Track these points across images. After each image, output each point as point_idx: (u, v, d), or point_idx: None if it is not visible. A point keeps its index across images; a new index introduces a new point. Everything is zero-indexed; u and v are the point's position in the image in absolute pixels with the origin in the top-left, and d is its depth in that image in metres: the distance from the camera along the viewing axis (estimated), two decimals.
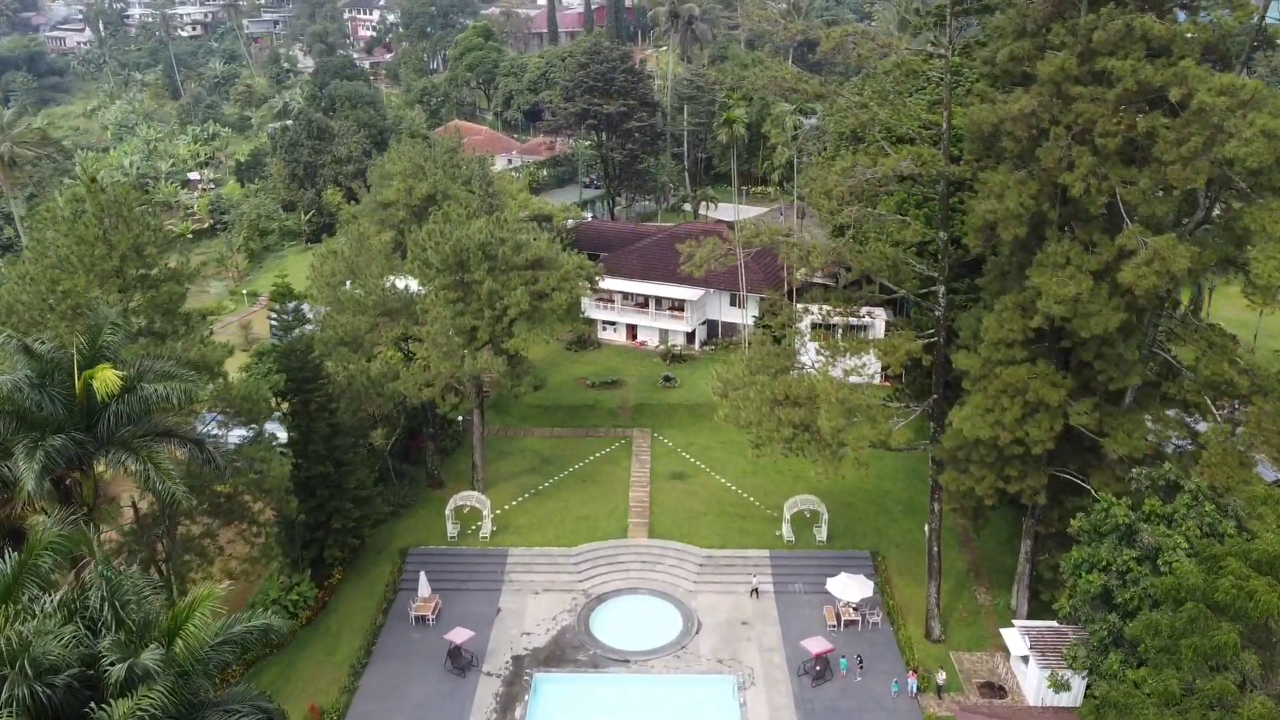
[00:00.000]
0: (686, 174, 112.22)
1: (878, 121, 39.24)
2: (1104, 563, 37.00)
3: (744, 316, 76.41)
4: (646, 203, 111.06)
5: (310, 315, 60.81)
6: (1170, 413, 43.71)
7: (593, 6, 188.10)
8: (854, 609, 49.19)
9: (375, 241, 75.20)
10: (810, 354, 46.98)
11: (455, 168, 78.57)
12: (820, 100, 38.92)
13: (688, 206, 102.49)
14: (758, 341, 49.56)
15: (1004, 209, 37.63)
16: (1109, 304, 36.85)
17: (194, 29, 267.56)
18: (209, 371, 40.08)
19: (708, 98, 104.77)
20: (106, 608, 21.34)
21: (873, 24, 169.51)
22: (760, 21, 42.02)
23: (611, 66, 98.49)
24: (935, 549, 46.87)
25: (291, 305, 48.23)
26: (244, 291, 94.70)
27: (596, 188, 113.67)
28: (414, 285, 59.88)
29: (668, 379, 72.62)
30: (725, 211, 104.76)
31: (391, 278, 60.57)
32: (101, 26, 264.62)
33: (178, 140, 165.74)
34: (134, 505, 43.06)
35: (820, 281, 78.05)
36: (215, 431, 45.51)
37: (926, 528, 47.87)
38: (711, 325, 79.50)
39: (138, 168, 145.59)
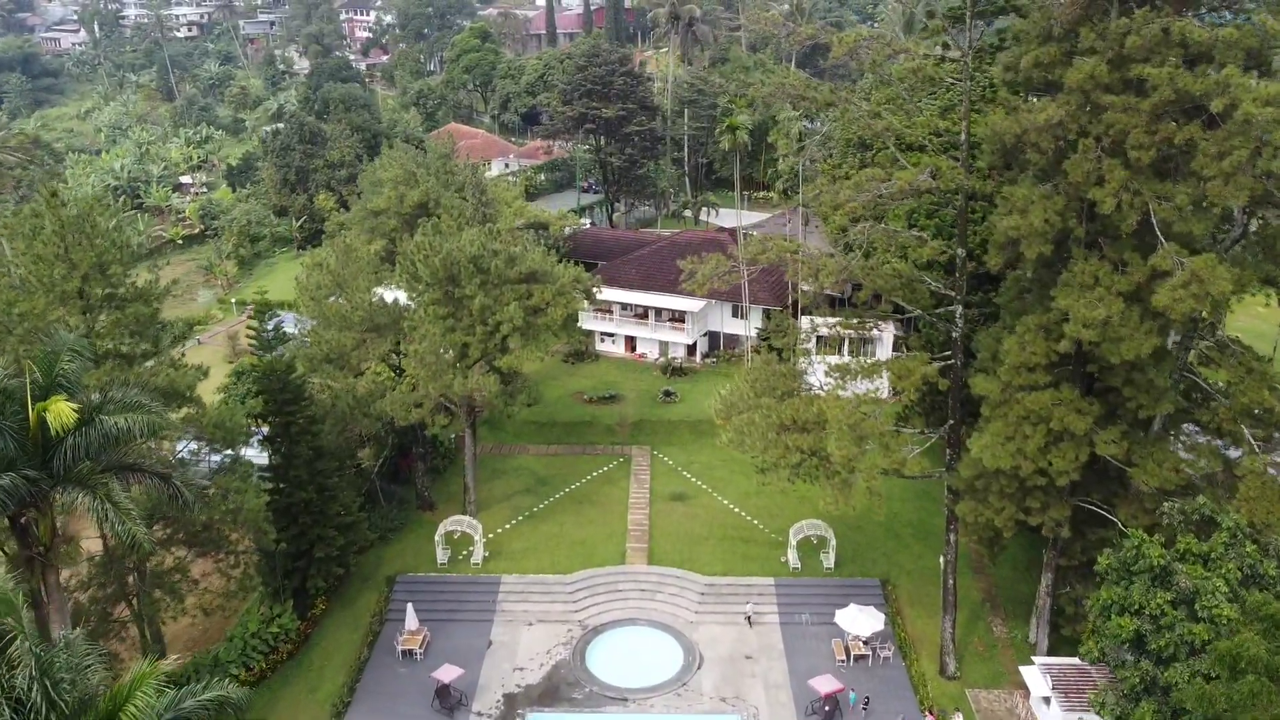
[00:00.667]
0: (687, 179, 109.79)
1: (891, 131, 36.73)
2: (1136, 606, 34.49)
3: (747, 328, 73.94)
4: (646, 208, 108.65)
5: (296, 328, 58.44)
6: (1201, 438, 41.31)
7: (592, 8, 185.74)
8: (864, 643, 46.72)
9: (364, 251, 72.86)
10: (819, 374, 44.61)
11: (449, 174, 76.19)
12: (830, 108, 36.46)
13: (688, 213, 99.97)
14: (763, 362, 47.10)
15: (1028, 225, 35.18)
16: (1141, 328, 34.40)
17: (190, 30, 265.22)
18: (179, 397, 37.60)
19: (709, 101, 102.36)
20: (36, 689, 18.88)
21: (876, 25, 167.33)
22: (768, 26, 39.42)
23: (610, 69, 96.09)
24: (951, 581, 44.39)
25: (271, 322, 45.65)
26: (232, 300, 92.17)
27: (595, 192, 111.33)
28: (404, 298, 57.51)
29: (668, 394, 70.16)
30: (727, 217, 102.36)
31: (380, 290, 58.21)
32: (96, 27, 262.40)
33: (170, 143, 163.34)
34: (103, 535, 40.63)
35: (827, 292, 75.67)
36: (191, 455, 43.15)
37: (942, 559, 45.40)
38: (713, 337, 77.06)
39: (129, 171, 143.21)
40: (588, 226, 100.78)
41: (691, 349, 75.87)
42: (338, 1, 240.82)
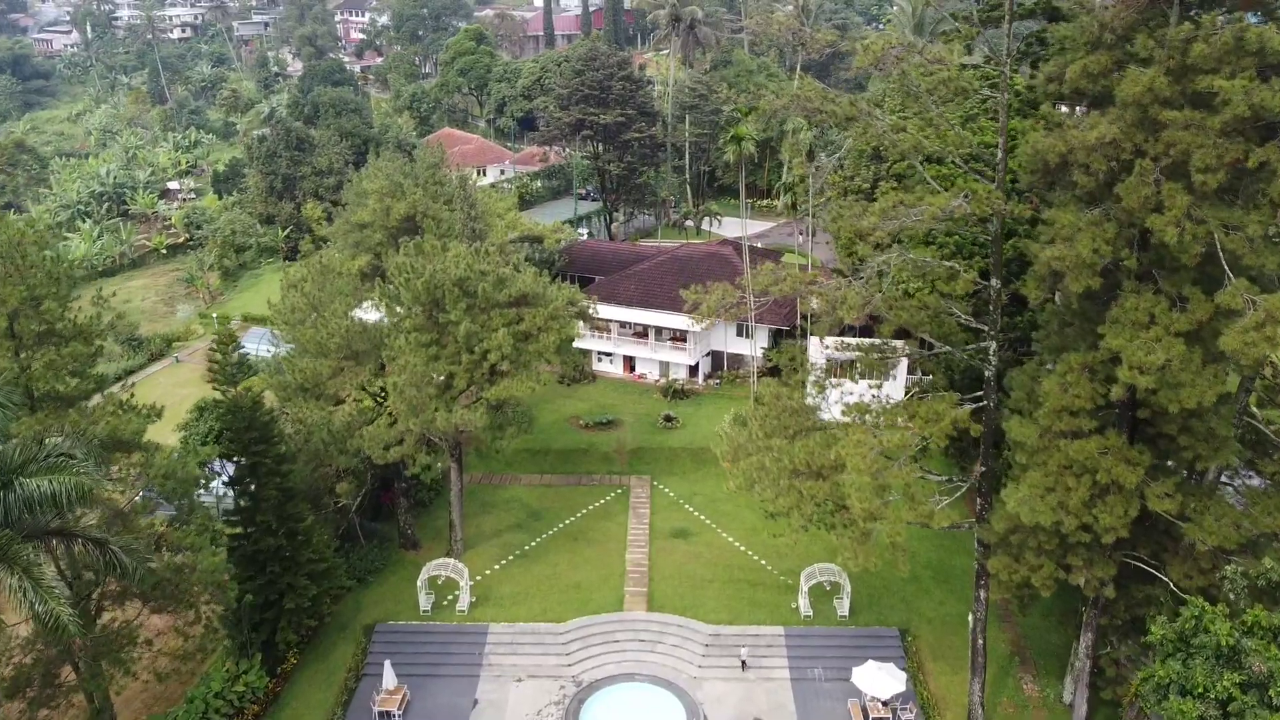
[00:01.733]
0: (688, 187, 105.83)
1: (919, 149, 32.76)
2: (1199, 688, 30.56)
3: (752, 348, 69.97)
4: (646, 216, 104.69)
5: (273, 349, 54.55)
6: (1257, 482, 37.45)
7: (590, 9, 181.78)
8: (884, 704, 42.75)
9: (349, 265, 68.88)
10: (831, 405, 40.79)
11: (438, 185, 72.26)
12: (851, 123, 32.53)
13: (690, 223, 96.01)
14: (771, 396, 43.13)
15: (1074, 256, 31.21)
16: (1204, 373, 30.46)
17: (183, 31, 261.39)
18: (123, 447, 33.68)
19: (711, 107, 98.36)
20: None
21: (881, 27, 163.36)
22: (781, 31, 35.48)
23: (608, 74, 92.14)
24: (980, 641, 40.44)
25: (235, 354, 41.76)
26: (214, 315, 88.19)
27: (593, 199, 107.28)
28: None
29: (668, 419, 66.19)
30: (730, 226, 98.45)
31: (365, 307, 54.37)
32: (89, 28, 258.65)
33: (159, 148, 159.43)
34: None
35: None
36: (144, 501, 39.17)
37: (971, 617, 41.46)
38: (716, 356, 73.10)
39: (114, 177, 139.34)
40: (585, 238, 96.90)
41: (694, 369, 71.91)
42: (332, 3, 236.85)
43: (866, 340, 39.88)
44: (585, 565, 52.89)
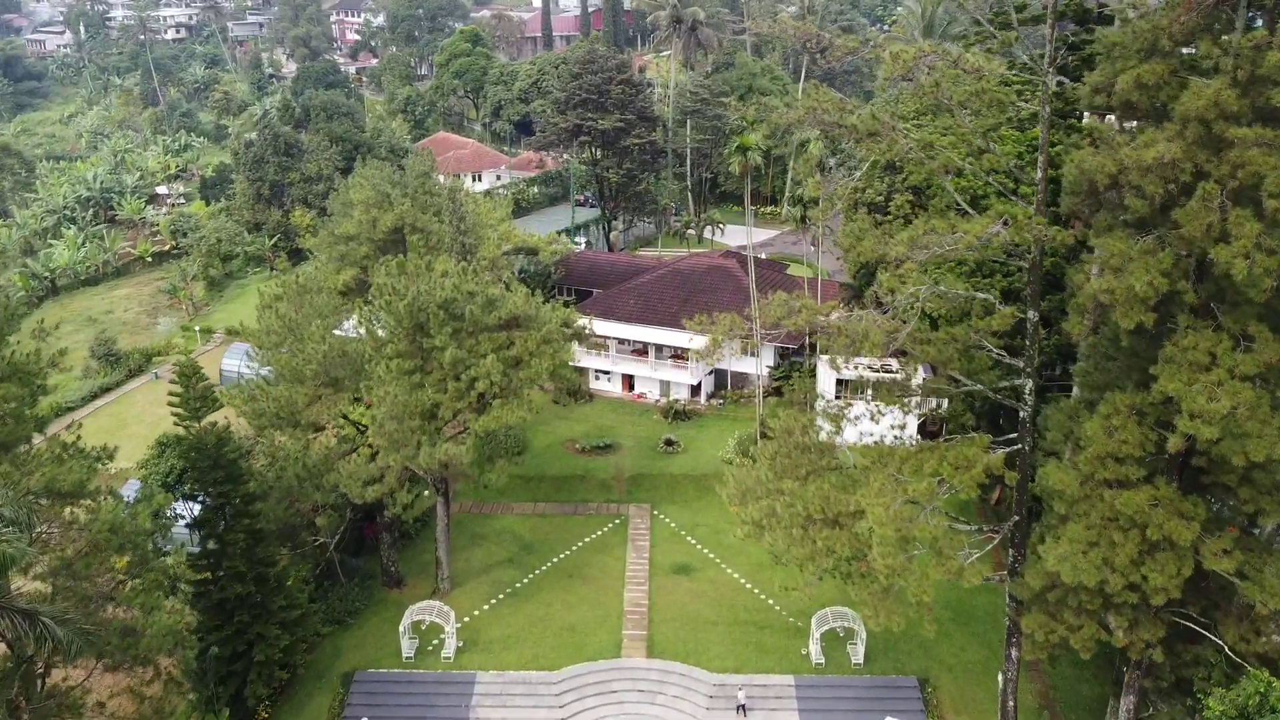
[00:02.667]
0: (690, 194, 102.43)
1: (950, 169, 29.40)
2: None
3: (757, 366, 66.52)
4: (646, 224, 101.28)
5: (251, 368, 51.16)
6: None
7: (589, 9, 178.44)
8: None
9: (333, 280, 65.64)
10: (846, 434, 37.52)
11: (427, 195, 68.90)
12: (874, 139, 29.15)
13: (692, 231, 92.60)
14: (782, 431, 39.76)
15: (1125, 289, 27.82)
16: (1273, 422, 27.09)
17: (177, 32, 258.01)
18: (65, 498, 30.30)
19: (713, 112, 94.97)
20: None
21: (887, 29, 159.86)
22: (799, 36, 32.17)
23: (607, 78, 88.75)
24: (1011, 703, 37.09)
25: (199, 386, 38.37)
26: (196, 328, 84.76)
27: (591, 205, 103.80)
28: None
29: (669, 443, 62.78)
30: (733, 234, 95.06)
31: (346, 326, 51.12)
32: (82, 29, 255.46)
33: (148, 151, 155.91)
34: None
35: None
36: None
37: (1001, 677, 38.04)
38: (719, 375, 69.69)
39: (101, 181, 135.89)
40: (582, 247, 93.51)
41: (696, 389, 68.50)
42: (328, 3, 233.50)
43: (887, 375, 36.42)
44: (581, 605, 49.51)
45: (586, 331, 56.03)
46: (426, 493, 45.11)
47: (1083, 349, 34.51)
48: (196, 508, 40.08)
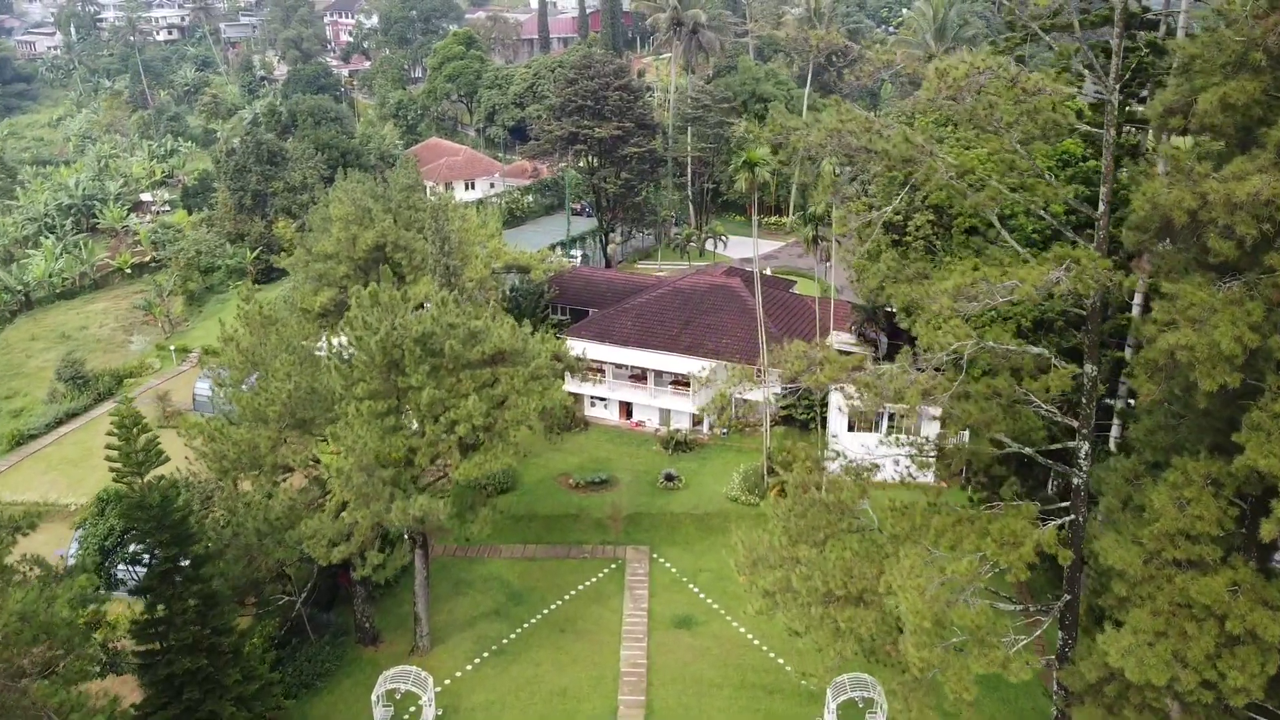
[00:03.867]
0: (691, 205, 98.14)
1: (1002, 202, 25.15)
2: None
3: (764, 393, 62.18)
4: (645, 235, 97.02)
5: (206, 392, 46.80)
6: None
7: (587, 11, 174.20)
8: None
9: (310, 302, 61.50)
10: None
11: (412, 210, 64.76)
12: (910, 165, 24.94)
13: (693, 244, 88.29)
14: (796, 485, 35.55)
15: (1207, 344, 23.58)
16: None
17: (170, 33, 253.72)
18: None
19: (715, 119, 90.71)
20: None
21: (894, 31, 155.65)
22: (827, 49, 27.88)
23: (604, 83, 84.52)
24: None
25: (143, 438, 34.11)
26: (171, 347, 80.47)
27: (588, 215, 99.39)
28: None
29: (669, 477, 58.49)
30: (736, 246, 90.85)
31: (321, 351, 46.87)
32: (73, 30, 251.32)
33: (133, 156, 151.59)
34: None
35: (859, 351, 64.15)
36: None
37: None
38: None
39: (83, 188, 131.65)
40: (578, 261, 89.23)
41: (698, 417, 64.17)
42: (321, 4, 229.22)
43: (921, 438, 32.07)
44: (573, 665, 45.24)
45: (580, 362, 51.76)
46: (396, 562, 40.74)
47: (1140, 402, 30.25)
48: (140, 572, 35.83)
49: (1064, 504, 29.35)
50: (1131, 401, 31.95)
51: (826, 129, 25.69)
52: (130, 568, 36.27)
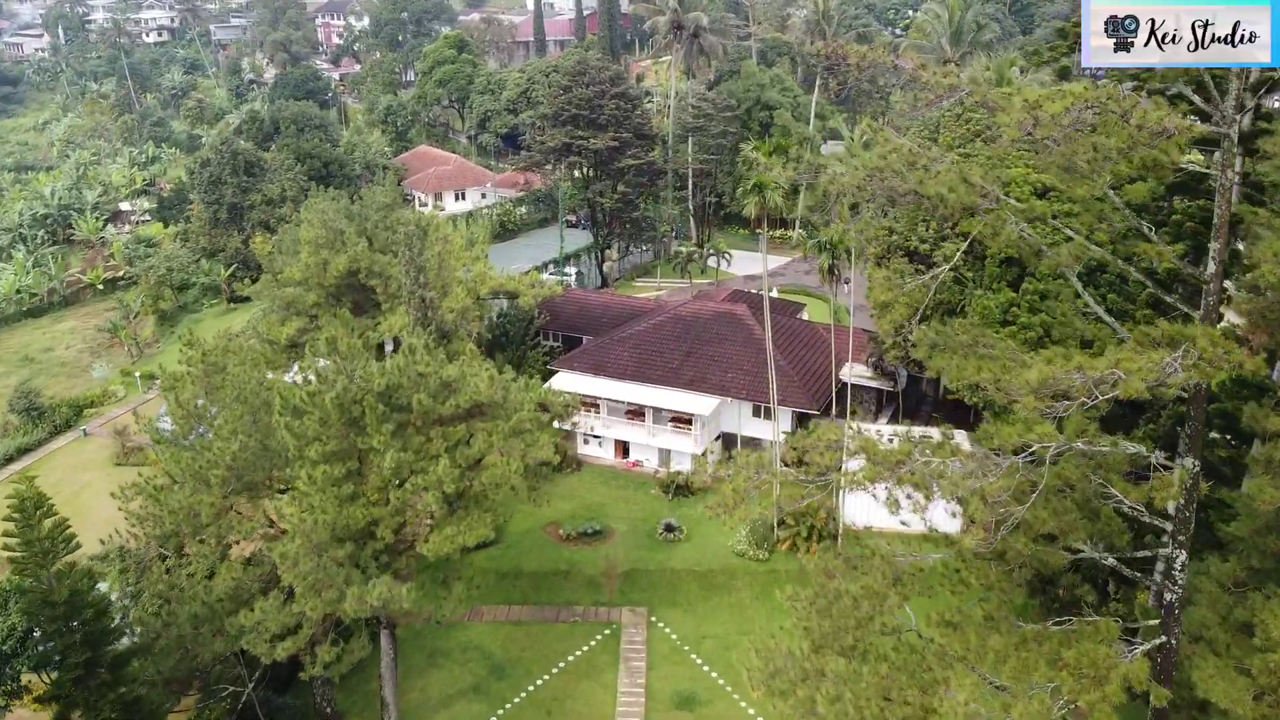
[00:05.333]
0: (692, 218, 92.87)
1: (1086, 259, 19.93)
2: None
3: (773, 431, 56.97)
4: (643, 251, 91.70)
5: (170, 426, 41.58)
6: None
7: (585, 13, 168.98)
8: None
9: (277, 333, 56.40)
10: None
11: (389, 231, 59.58)
12: (970, 214, 19.80)
13: (695, 261, 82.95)
14: (819, 570, 30.28)
15: None
16: None
17: (160, 34, 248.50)
18: None
19: (718, 128, 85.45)
20: None
21: (901, 33, 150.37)
22: (871, 68, 22.84)
23: (600, 90, 79.26)
24: None
25: (47, 523, 28.92)
26: (137, 374, 75.19)
27: (584, 227, 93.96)
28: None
29: (670, 528, 53.25)
30: (740, 262, 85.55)
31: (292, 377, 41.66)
32: (61, 32, 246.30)
33: (115, 162, 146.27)
34: None
35: (876, 386, 59.00)
36: None
37: None
38: (728, 440, 60.07)
39: (59, 197, 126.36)
40: (572, 279, 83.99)
41: (701, 456, 58.82)
42: (313, 5, 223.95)
43: (965, 532, 26.68)
44: None
45: (570, 408, 46.51)
46: (360, 638, 35.52)
47: (1240, 495, 25.02)
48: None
49: (1131, 613, 24.09)
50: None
51: (866, 168, 20.50)
52: (38, 673, 31.12)
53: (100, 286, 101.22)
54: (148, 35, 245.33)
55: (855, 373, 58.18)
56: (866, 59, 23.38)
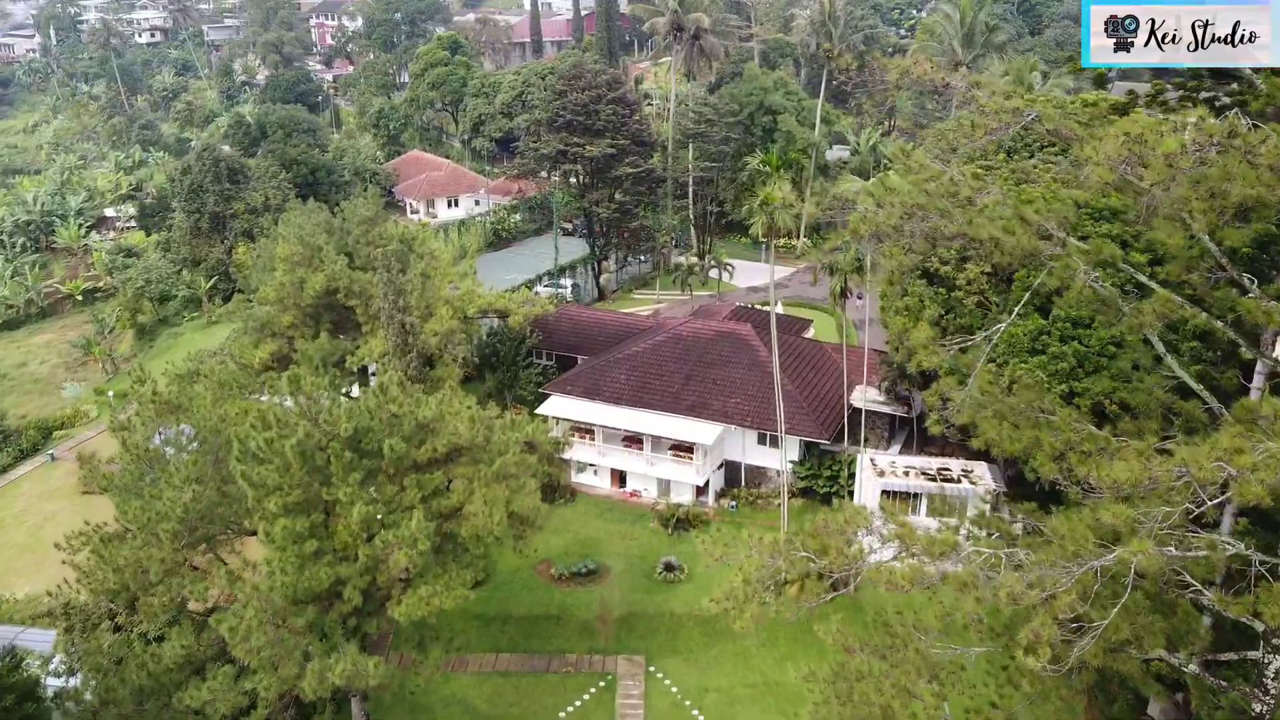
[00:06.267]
0: (693, 227, 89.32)
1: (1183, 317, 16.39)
2: None
3: (780, 461, 53.46)
4: (641, 261, 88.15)
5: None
6: None
7: (583, 12, 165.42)
8: None
9: (250, 356, 53.21)
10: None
11: (370, 246, 56.12)
12: (1032, 262, 16.30)
13: (696, 274, 79.35)
14: (840, 647, 26.80)
15: None
16: None
17: (153, 35, 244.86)
18: None
19: (720, 134, 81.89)
20: None
21: (905, 34, 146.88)
22: (920, 84, 19.22)
23: (596, 95, 75.70)
24: None
25: None
26: (110, 393, 71.64)
27: (581, 235, 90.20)
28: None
29: (670, 567, 49.72)
30: (743, 273, 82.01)
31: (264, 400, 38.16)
32: (53, 32, 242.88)
33: (100, 166, 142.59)
34: None
35: (888, 411, 55.43)
36: None
37: None
38: (731, 468, 56.53)
39: (42, 203, 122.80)
40: (568, 292, 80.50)
41: (703, 487, 55.27)
42: (307, 6, 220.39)
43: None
44: None
45: (561, 445, 43.07)
46: (323, 718, 32.00)
47: None
48: None
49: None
50: None
51: (904, 204, 16.97)
52: None
53: (79, 298, 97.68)
54: (140, 36, 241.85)
55: (868, 398, 54.63)
56: (888, 69, 19.75)
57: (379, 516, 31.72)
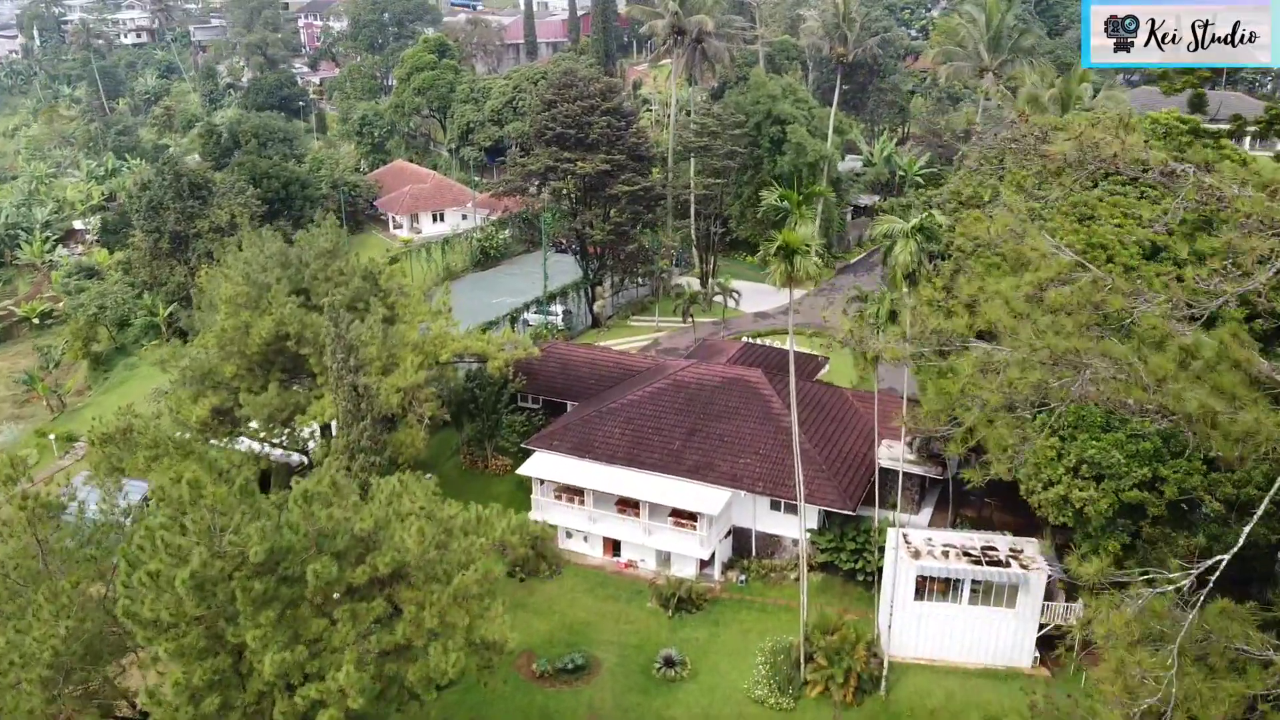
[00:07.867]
0: (695, 247, 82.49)
1: None
2: None
3: (797, 529, 46.63)
4: (639, 285, 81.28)
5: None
6: None
7: (579, 13, 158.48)
8: None
9: (189, 412, 47.18)
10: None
11: (328, 282, 49.42)
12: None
13: (699, 303, 72.47)
14: None
15: None
16: None
17: (139, 36, 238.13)
18: None
19: (725, 148, 74.96)
20: None
21: (917, 34, 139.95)
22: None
23: (589, 106, 68.82)
24: None
25: None
26: (51, 436, 64.72)
27: (574, 252, 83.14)
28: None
29: (670, 662, 42.82)
30: (750, 298, 75.09)
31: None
32: (36, 33, 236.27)
33: (70, 176, 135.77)
34: None
35: (920, 472, 48.56)
36: None
37: None
38: (740, 536, 49.65)
39: (7, 215, 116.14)
40: (559, 321, 73.61)
41: (708, 561, 48.39)
42: (295, 6, 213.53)
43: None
44: None
45: (545, 541, 36.25)
46: None
47: None
48: None
49: None
50: None
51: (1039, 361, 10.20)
52: None
53: (36, 320, 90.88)
54: (125, 36, 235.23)
55: (895, 455, 47.77)
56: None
57: (300, 662, 24.91)
